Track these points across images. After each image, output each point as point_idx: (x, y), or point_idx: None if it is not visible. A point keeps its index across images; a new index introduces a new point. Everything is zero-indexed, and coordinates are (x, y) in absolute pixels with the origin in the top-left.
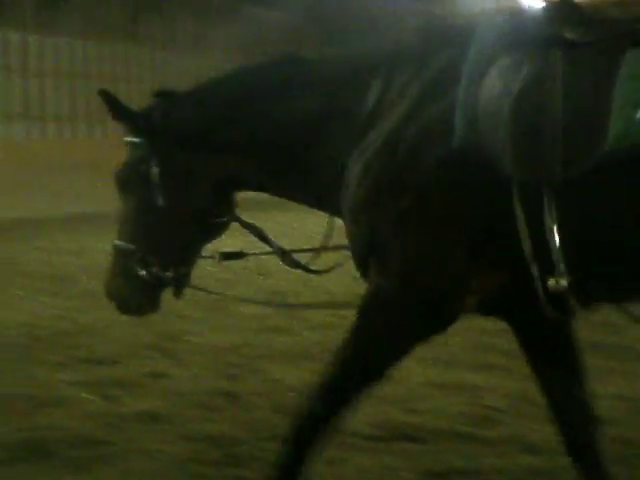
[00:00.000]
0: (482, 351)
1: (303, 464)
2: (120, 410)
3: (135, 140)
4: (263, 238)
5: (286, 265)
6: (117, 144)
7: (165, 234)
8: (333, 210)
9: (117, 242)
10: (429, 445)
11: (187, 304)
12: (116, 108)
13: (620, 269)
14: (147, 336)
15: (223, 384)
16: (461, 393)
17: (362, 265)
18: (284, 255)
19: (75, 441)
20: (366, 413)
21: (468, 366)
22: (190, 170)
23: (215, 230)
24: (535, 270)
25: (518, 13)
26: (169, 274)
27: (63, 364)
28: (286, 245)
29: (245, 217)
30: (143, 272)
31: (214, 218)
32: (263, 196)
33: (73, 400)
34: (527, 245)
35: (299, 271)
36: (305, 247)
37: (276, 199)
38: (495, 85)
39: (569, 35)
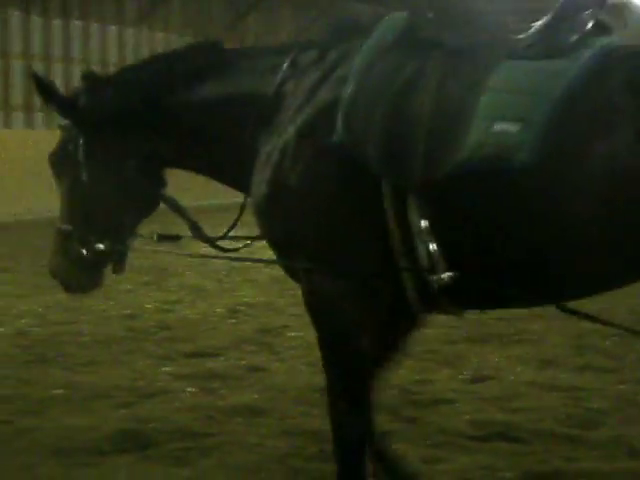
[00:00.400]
0: (582, 352)
1: (363, 463)
2: (219, 403)
3: (65, 123)
4: (180, 212)
5: (197, 239)
6: None
7: (96, 212)
8: (244, 190)
9: (57, 224)
10: (529, 445)
11: (287, 299)
12: (45, 91)
13: (479, 272)
14: (247, 330)
15: (322, 379)
16: (561, 393)
17: (285, 264)
18: (197, 230)
19: (175, 433)
20: (466, 412)
21: (568, 366)
22: (111, 148)
23: (144, 207)
24: (403, 265)
25: (417, 13)
26: (105, 251)
27: (165, 356)
28: None
29: None
30: (81, 250)
31: (139, 194)
32: None
33: (174, 392)
34: (395, 241)
35: None
36: None
37: None
38: (374, 84)
39: (450, 40)
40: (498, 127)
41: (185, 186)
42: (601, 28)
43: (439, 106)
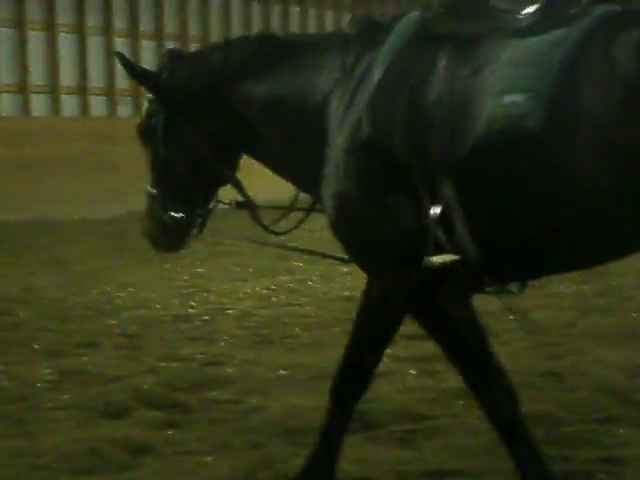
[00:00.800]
0: None
1: None
2: (441, 385)
3: (150, 97)
4: (241, 191)
5: (252, 219)
6: None
7: (172, 181)
8: (296, 184)
9: (147, 187)
10: None
11: None
12: (130, 68)
13: (510, 244)
14: None
15: (544, 363)
16: None
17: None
18: (253, 209)
19: (399, 414)
20: None
21: None
22: (184, 124)
23: (214, 181)
24: (444, 243)
25: (429, 10)
26: (183, 216)
27: None
28: None
29: None
30: (162, 213)
31: (207, 169)
32: None
33: (396, 374)
34: (432, 223)
35: None
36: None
37: None
38: (394, 81)
39: (460, 32)
40: (507, 100)
41: None
42: None
43: (455, 92)
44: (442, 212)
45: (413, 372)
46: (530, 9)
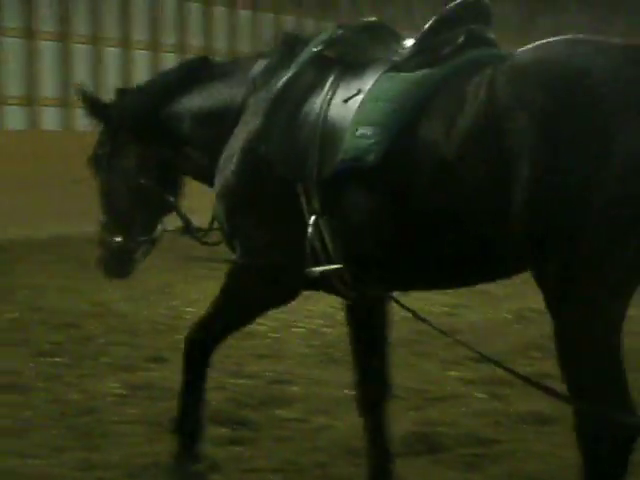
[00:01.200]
0: None
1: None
2: (509, 409)
3: (100, 128)
4: (178, 213)
5: (188, 236)
6: None
7: (120, 208)
8: None
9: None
10: None
11: None
12: (84, 100)
13: (365, 260)
14: (534, 336)
15: None
16: None
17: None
18: (189, 228)
19: (466, 438)
20: None
21: None
22: (125, 153)
23: (163, 206)
24: (319, 253)
25: (337, 30)
26: (130, 243)
27: (452, 361)
28: None
29: None
30: (110, 240)
31: (149, 196)
32: None
33: (463, 397)
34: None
35: None
36: None
37: None
38: (286, 97)
39: (350, 55)
40: (360, 132)
41: None
42: (482, 40)
43: (329, 117)
44: (315, 225)
45: (481, 395)
46: (410, 42)
